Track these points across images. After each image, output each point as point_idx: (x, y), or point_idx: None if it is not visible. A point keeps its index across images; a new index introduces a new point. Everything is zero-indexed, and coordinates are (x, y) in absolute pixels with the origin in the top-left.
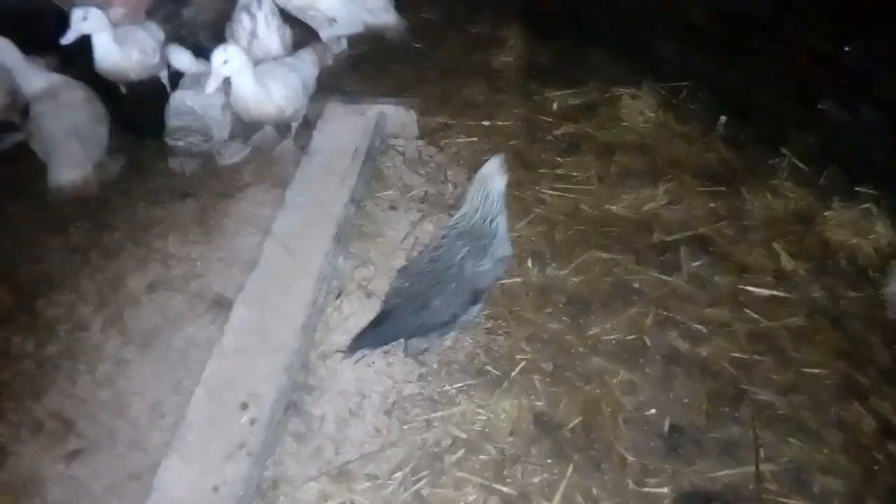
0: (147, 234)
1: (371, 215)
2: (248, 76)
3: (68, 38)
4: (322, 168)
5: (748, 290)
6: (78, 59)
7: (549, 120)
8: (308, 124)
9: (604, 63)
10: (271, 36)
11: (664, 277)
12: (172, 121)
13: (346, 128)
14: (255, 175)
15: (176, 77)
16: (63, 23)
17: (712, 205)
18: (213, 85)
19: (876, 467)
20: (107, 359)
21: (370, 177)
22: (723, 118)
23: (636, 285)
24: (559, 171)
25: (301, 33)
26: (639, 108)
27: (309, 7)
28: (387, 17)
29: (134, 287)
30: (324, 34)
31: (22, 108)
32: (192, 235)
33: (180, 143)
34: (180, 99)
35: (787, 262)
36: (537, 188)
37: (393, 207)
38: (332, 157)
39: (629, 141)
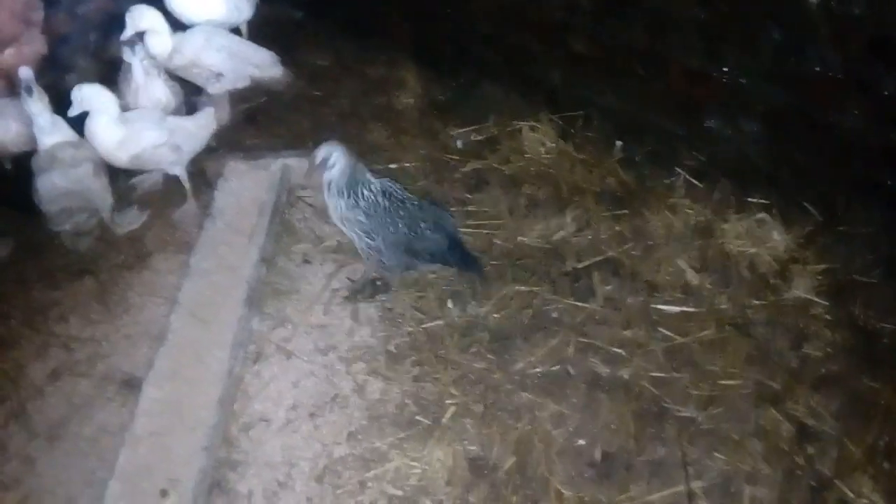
0: (45, 318)
1: (284, 271)
2: (108, 116)
3: None
4: (227, 228)
5: (659, 309)
6: None
7: (455, 158)
8: (209, 184)
9: (501, 97)
10: (154, 84)
11: (580, 304)
12: (49, 207)
13: (250, 184)
14: (157, 242)
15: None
16: None
17: (617, 228)
18: (73, 111)
19: (798, 472)
20: (12, 457)
21: (280, 232)
22: (619, 143)
23: (555, 315)
24: (470, 208)
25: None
26: (539, 140)
27: (192, 65)
28: (274, 71)
29: (35, 376)
30: (211, 89)
31: None
32: (94, 314)
33: (66, 227)
34: (49, 183)
35: (692, 277)
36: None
37: (307, 261)
38: (238, 216)
39: (533, 172)
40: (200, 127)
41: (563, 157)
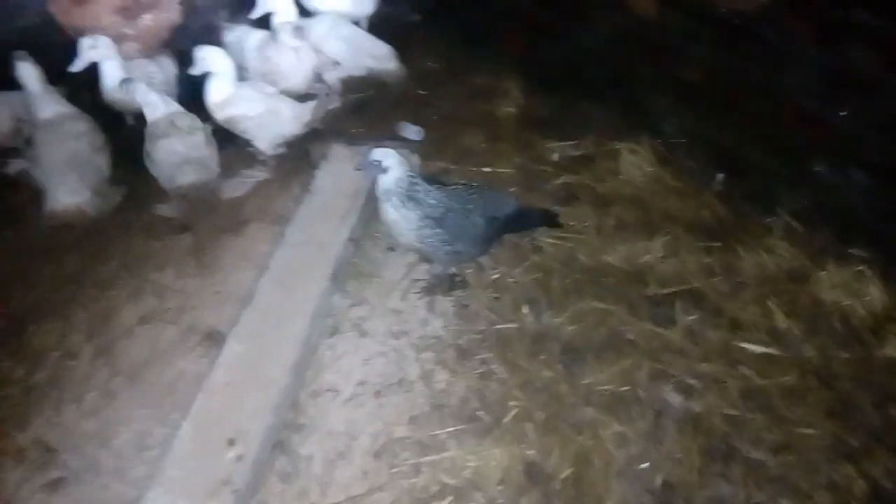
0: (143, 265)
1: (369, 255)
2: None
3: (77, 66)
4: (323, 207)
5: (742, 347)
6: (86, 90)
7: (548, 170)
8: (312, 164)
9: (603, 117)
10: (283, 58)
11: (658, 330)
12: (161, 170)
13: (350, 169)
14: (255, 211)
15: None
16: (73, 52)
17: (707, 260)
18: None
19: None
20: (94, 389)
21: (370, 217)
22: (719, 176)
23: (630, 337)
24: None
25: None
26: (636, 163)
27: (315, 50)
28: (389, 65)
29: (126, 318)
30: (326, 76)
31: (27, 135)
32: (189, 269)
33: (175, 188)
34: (167, 147)
35: (780, 321)
36: (534, 236)
37: (391, 249)
38: (334, 196)
39: (626, 194)
40: (297, 116)
41: (658, 183)
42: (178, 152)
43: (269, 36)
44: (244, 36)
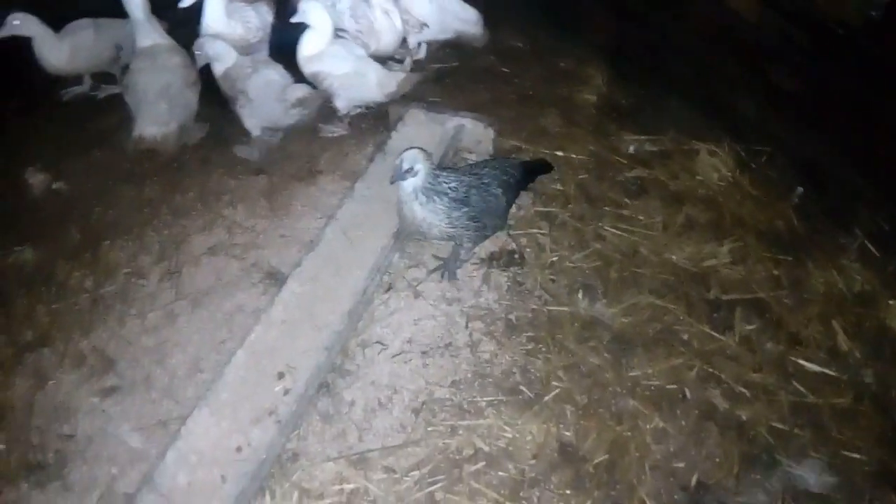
0: (217, 200)
1: None
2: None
3: (185, 2)
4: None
5: (798, 363)
6: (187, 26)
7: (622, 161)
8: (389, 126)
9: (685, 114)
10: (382, 24)
11: (714, 334)
12: (258, 107)
13: (425, 134)
14: (329, 164)
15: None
16: None
17: (775, 272)
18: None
19: None
20: (158, 308)
21: None
22: (799, 189)
23: (684, 336)
24: (624, 212)
25: None
26: (715, 165)
27: (403, 12)
28: (476, 29)
29: (195, 247)
30: (413, 38)
31: (125, 62)
32: (260, 209)
33: (257, 132)
34: (265, 80)
35: (842, 342)
36: (599, 224)
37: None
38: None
39: (700, 194)
40: (381, 84)
41: (735, 188)
42: (276, 82)
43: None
44: None
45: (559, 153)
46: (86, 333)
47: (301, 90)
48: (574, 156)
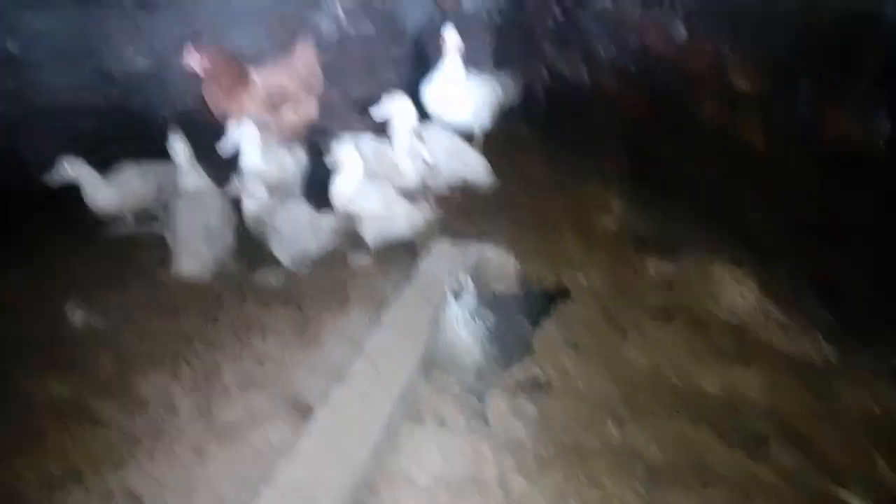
0: (248, 331)
1: None
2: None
3: (223, 146)
4: (420, 296)
5: (838, 494)
6: (225, 168)
7: (644, 284)
8: (414, 254)
9: (704, 239)
10: (404, 158)
11: (748, 463)
12: (286, 241)
13: (449, 262)
14: (357, 293)
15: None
16: (220, 134)
17: (807, 398)
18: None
19: None
20: (186, 443)
21: None
22: (825, 312)
23: (718, 466)
24: (648, 336)
25: None
26: (737, 288)
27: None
28: (481, 176)
29: (226, 379)
30: (433, 178)
31: (166, 201)
32: (289, 340)
33: (288, 262)
34: (290, 217)
35: (884, 473)
36: (622, 349)
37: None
38: (432, 286)
39: (723, 318)
40: (410, 220)
41: (759, 312)
42: (303, 214)
43: (384, 140)
44: (364, 138)
45: (581, 278)
46: (115, 469)
47: (328, 221)
48: (596, 280)
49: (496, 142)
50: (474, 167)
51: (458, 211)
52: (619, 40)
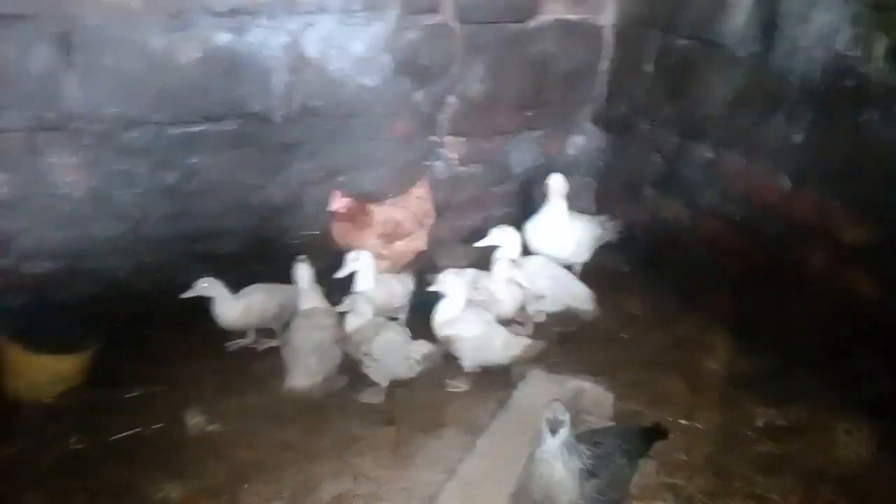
0: (348, 448)
1: None
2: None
3: (342, 273)
4: (515, 425)
5: None
6: (341, 291)
7: (751, 434)
8: (510, 384)
9: (816, 389)
10: (505, 291)
11: None
12: (384, 364)
13: (545, 393)
14: (453, 418)
15: None
16: (337, 261)
17: None
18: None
19: None
20: None
21: None
22: None
23: None
24: (756, 490)
25: None
26: (852, 444)
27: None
28: (587, 305)
29: (323, 494)
30: (531, 308)
31: (286, 320)
32: (385, 459)
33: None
34: (387, 341)
35: None
36: (728, 500)
37: None
38: (527, 416)
39: (838, 475)
40: (507, 348)
41: (879, 471)
42: (396, 340)
43: (480, 273)
44: (466, 270)
45: (683, 421)
46: None
47: (424, 347)
48: (699, 425)
49: (596, 278)
50: (580, 296)
51: (556, 342)
52: (722, 188)
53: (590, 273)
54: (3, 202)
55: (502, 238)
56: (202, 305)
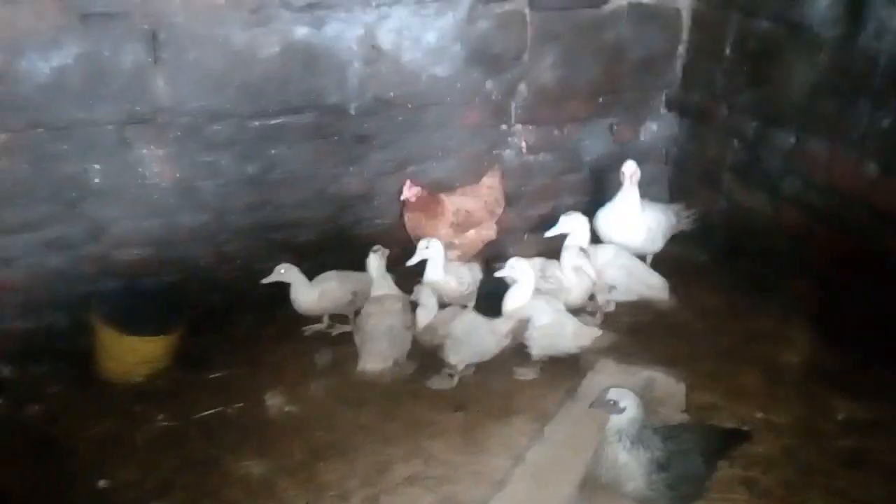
0: (420, 431)
1: None
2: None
3: (413, 261)
4: (584, 413)
5: None
6: (411, 278)
7: (832, 428)
8: (580, 372)
9: None
10: (575, 277)
11: None
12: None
13: (614, 382)
14: (522, 405)
15: None
16: (408, 249)
17: None
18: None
19: None
20: None
21: None
22: None
23: None
24: (836, 484)
25: None
26: None
27: (598, 277)
28: (662, 294)
29: (395, 475)
30: (601, 297)
31: (358, 306)
32: (455, 444)
33: (460, 368)
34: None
35: None
36: (807, 495)
37: None
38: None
39: None
40: (577, 336)
41: None
42: (479, 319)
43: (548, 261)
44: (535, 259)
45: (759, 414)
46: None
47: (503, 325)
48: (776, 418)
49: (671, 269)
50: (654, 285)
51: (627, 333)
52: (805, 175)
53: (664, 263)
54: (96, 191)
55: (572, 225)
56: (281, 293)
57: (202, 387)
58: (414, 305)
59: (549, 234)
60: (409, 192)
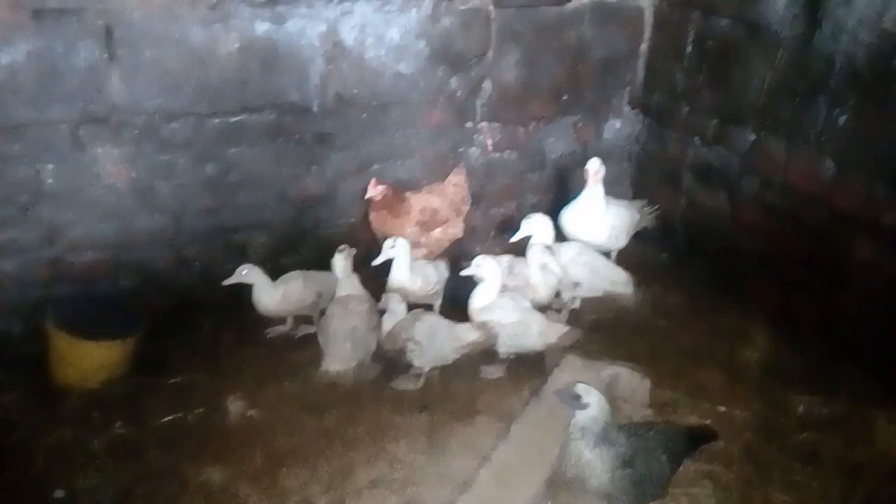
0: (383, 434)
1: None
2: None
3: (379, 260)
4: (549, 412)
5: None
6: (376, 278)
7: (790, 423)
8: (544, 370)
9: (859, 379)
10: (540, 277)
11: None
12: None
13: (579, 379)
14: (486, 405)
15: None
16: (373, 249)
17: None
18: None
19: None
20: None
21: None
22: None
23: None
24: (795, 478)
25: None
26: (894, 435)
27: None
28: (626, 290)
29: (359, 480)
30: (566, 294)
31: (322, 307)
32: (420, 446)
33: (425, 370)
34: (452, 333)
35: None
36: (767, 489)
37: None
38: (560, 404)
39: (880, 467)
40: (542, 334)
41: None
42: (440, 323)
43: (516, 259)
44: (501, 257)
45: (721, 408)
46: None
47: (465, 330)
48: (737, 412)
49: (634, 267)
50: (618, 281)
51: (592, 329)
52: (764, 175)
53: (627, 262)
54: (50, 194)
55: (534, 227)
56: (242, 296)
57: (161, 392)
58: (382, 312)
59: (513, 238)
60: (375, 191)
